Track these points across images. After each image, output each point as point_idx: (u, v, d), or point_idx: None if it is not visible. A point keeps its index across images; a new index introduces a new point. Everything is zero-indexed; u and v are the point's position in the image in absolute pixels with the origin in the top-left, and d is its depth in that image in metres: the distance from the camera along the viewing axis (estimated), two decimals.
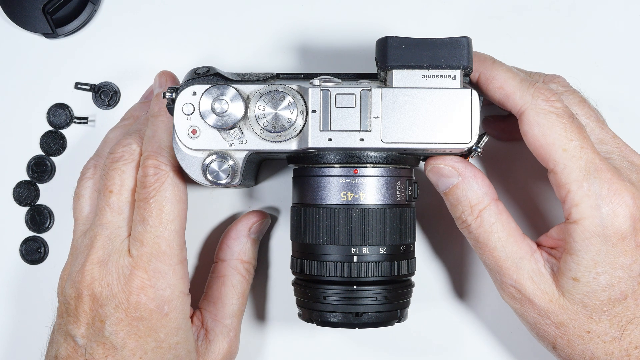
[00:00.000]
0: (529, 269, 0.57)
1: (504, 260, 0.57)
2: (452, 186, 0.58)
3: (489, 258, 0.58)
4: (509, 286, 0.58)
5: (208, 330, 0.63)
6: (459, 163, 0.59)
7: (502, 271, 0.58)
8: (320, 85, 0.56)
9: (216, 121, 0.55)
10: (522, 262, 0.57)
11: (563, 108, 0.56)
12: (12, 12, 0.68)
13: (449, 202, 0.59)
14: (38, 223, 0.69)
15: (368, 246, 0.57)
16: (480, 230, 0.58)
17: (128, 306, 0.57)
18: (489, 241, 0.58)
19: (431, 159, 0.59)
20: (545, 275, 0.57)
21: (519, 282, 0.57)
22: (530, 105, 0.56)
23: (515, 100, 0.57)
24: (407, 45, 0.55)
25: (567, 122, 0.55)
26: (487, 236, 0.58)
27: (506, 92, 0.57)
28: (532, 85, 0.57)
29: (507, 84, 0.57)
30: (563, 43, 0.68)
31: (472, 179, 0.58)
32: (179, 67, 0.66)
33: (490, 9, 0.68)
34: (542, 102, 0.56)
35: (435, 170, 0.59)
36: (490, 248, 0.58)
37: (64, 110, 0.69)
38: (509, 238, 0.58)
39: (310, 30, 0.68)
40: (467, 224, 0.58)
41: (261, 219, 0.66)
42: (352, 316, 0.57)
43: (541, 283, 0.57)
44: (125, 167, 0.59)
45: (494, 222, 0.58)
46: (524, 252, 0.57)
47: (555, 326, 0.57)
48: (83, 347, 0.57)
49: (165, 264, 0.57)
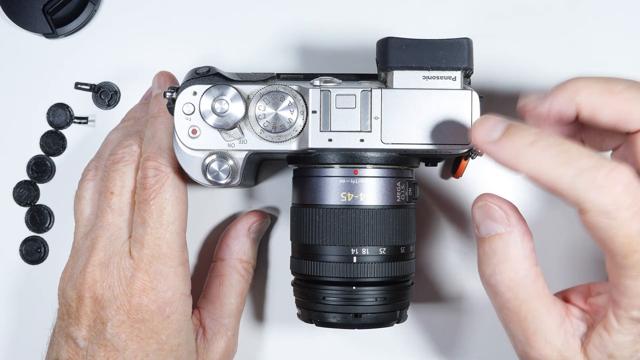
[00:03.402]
0: (558, 343, 0.52)
1: (533, 332, 0.52)
2: (495, 234, 0.52)
3: (516, 327, 0.53)
4: (532, 358, 0.53)
5: (206, 329, 0.63)
6: (514, 213, 0.53)
7: (528, 342, 0.53)
8: (321, 86, 0.56)
9: (216, 121, 0.55)
10: (551, 335, 0.52)
11: (632, 208, 0.47)
12: (12, 12, 0.68)
13: (483, 250, 0.53)
14: (38, 223, 0.69)
15: (368, 247, 0.57)
16: (510, 295, 0.52)
17: (129, 308, 0.57)
18: (519, 310, 0.52)
19: (486, 195, 0.53)
20: (574, 347, 0.52)
21: (545, 357, 0.52)
22: (590, 210, 0.48)
23: (570, 203, 0.48)
24: (408, 46, 0.55)
25: (632, 230, 0.47)
26: (518, 305, 0.52)
27: (558, 193, 0.48)
28: (591, 185, 0.47)
29: (558, 185, 0.48)
30: (563, 43, 0.68)
31: (520, 236, 0.52)
32: (179, 67, 0.66)
33: (490, 9, 0.68)
34: (605, 207, 0.47)
35: (486, 209, 0.53)
36: (519, 317, 0.52)
37: (64, 110, 0.69)
38: (542, 309, 0.52)
39: (310, 30, 0.68)
40: (496, 283, 0.52)
41: (261, 218, 0.66)
42: (351, 317, 0.57)
43: (570, 356, 0.52)
44: (126, 169, 0.59)
45: (529, 291, 0.52)
46: (555, 324, 0.52)
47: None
48: (84, 349, 0.57)
49: (167, 266, 0.57)
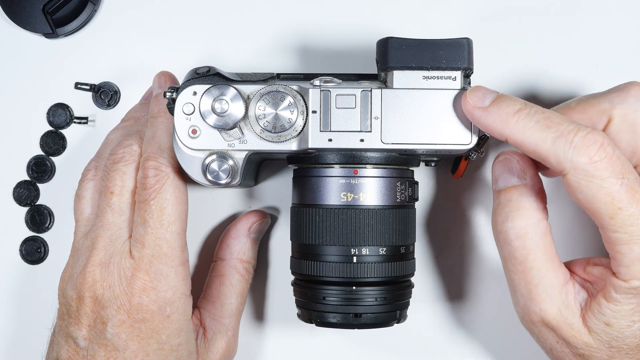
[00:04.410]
0: (559, 300, 0.54)
1: (536, 285, 0.54)
2: (511, 186, 0.55)
3: (520, 277, 0.55)
4: (532, 312, 0.55)
5: (206, 329, 0.63)
6: (531, 169, 0.55)
7: (530, 296, 0.55)
8: (321, 86, 0.56)
9: (216, 121, 0.55)
10: (553, 291, 0.54)
11: (610, 168, 0.50)
12: (12, 12, 0.68)
13: (498, 201, 0.56)
14: (38, 223, 0.69)
15: (368, 247, 0.57)
16: (518, 244, 0.54)
17: (130, 308, 0.57)
18: (525, 260, 0.54)
19: (507, 150, 0.56)
20: (574, 309, 0.54)
21: (545, 312, 0.54)
22: (569, 170, 0.51)
23: (552, 165, 0.52)
24: (408, 46, 0.55)
25: (613, 188, 0.50)
26: (525, 254, 0.54)
27: (541, 156, 0.52)
28: (569, 146, 0.51)
29: (540, 148, 0.52)
30: (563, 43, 0.68)
31: (535, 191, 0.55)
32: (179, 67, 0.66)
33: (490, 9, 0.68)
34: (583, 166, 0.50)
35: (505, 162, 0.56)
36: (525, 268, 0.54)
37: (64, 110, 0.69)
38: (547, 264, 0.54)
39: (311, 30, 0.68)
40: (507, 229, 0.55)
41: (261, 218, 0.66)
42: (351, 317, 0.57)
43: (569, 317, 0.54)
44: (126, 168, 0.59)
45: (537, 242, 0.54)
46: (557, 282, 0.54)
47: (573, 355, 0.55)
48: (84, 349, 0.57)
49: (167, 266, 0.57)
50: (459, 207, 0.68)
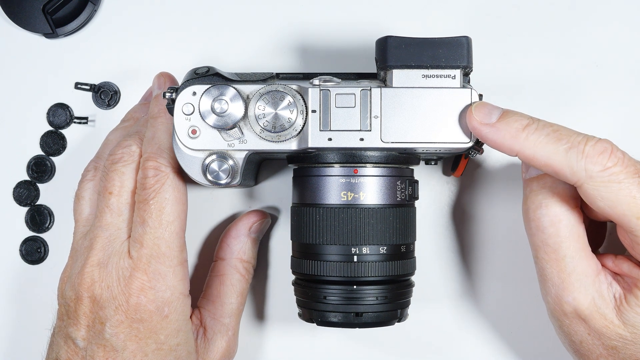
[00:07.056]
0: (592, 290, 0.54)
1: (569, 274, 0.54)
2: (544, 173, 0.55)
3: (553, 267, 0.54)
4: (565, 302, 0.54)
5: (207, 329, 0.63)
6: None
7: (563, 285, 0.54)
8: (320, 85, 0.56)
9: (216, 121, 0.55)
10: (587, 280, 0.54)
11: (625, 171, 0.51)
12: (12, 12, 0.68)
13: (530, 188, 0.56)
14: (38, 223, 0.70)
15: (368, 246, 0.57)
16: (552, 231, 0.54)
17: (128, 308, 0.57)
18: (559, 248, 0.54)
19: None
20: (607, 299, 0.54)
21: (578, 301, 0.54)
22: (585, 180, 0.51)
23: (567, 177, 0.52)
24: (407, 45, 0.55)
25: (632, 188, 0.51)
26: (559, 242, 0.54)
27: (554, 169, 0.52)
28: (581, 156, 0.51)
29: (552, 160, 0.52)
30: (563, 43, 0.68)
31: None
32: (179, 67, 0.66)
33: (490, 8, 0.68)
34: (598, 174, 0.51)
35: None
36: (558, 256, 0.54)
37: (64, 110, 0.69)
38: (580, 252, 0.54)
39: (310, 30, 0.68)
40: (541, 216, 0.54)
41: (261, 218, 0.66)
42: (352, 316, 0.57)
43: (602, 307, 0.54)
44: (125, 169, 0.59)
45: (570, 230, 0.54)
46: (591, 271, 0.54)
47: (604, 348, 0.54)
48: (83, 350, 0.57)
49: (165, 266, 0.57)
50: (459, 206, 0.68)
